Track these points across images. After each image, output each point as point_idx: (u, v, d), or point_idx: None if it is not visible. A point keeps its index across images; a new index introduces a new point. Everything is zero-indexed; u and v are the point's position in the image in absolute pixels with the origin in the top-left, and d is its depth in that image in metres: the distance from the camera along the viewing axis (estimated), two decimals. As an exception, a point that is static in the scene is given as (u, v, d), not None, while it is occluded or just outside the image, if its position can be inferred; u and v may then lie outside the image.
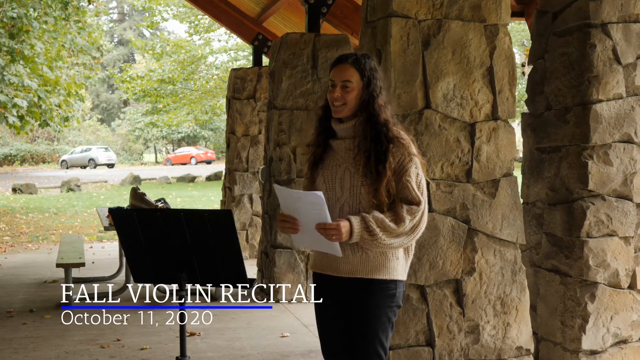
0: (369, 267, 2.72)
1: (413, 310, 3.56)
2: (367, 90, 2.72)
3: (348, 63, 2.73)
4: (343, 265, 2.75)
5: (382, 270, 2.72)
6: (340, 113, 2.75)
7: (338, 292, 2.80)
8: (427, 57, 3.61)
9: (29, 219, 14.62)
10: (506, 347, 3.67)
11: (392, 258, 2.73)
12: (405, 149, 2.70)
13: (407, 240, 2.68)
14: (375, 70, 2.75)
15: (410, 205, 2.66)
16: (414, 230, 2.67)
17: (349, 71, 2.73)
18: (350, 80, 2.71)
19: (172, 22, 73.11)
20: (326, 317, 2.86)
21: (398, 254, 2.75)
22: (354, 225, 2.61)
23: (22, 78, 13.26)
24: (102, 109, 52.41)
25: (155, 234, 3.04)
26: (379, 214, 2.63)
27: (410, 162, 2.69)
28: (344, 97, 2.72)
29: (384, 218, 2.62)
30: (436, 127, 3.61)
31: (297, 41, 6.64)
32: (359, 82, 2.72)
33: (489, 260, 3.65)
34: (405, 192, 2.66)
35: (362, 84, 2.72)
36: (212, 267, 3.05)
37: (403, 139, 2.72)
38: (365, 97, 2.72)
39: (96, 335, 5.40)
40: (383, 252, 2.72)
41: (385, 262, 2.72)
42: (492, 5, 3.68)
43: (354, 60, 2.74)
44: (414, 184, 2.67)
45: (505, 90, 3.71)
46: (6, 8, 12.02)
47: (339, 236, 2.59)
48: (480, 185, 3.67)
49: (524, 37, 26.96)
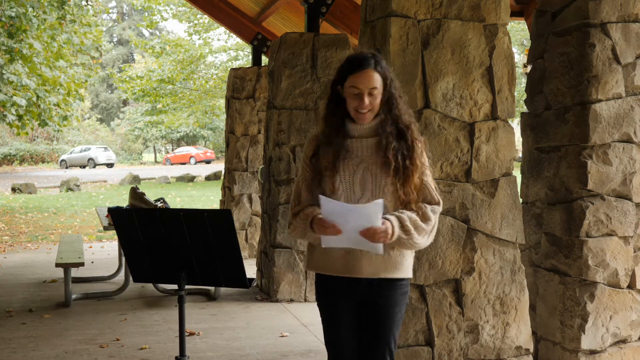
0: (390, 267, 2.73)
1: (412, 309, 3.56)
2: (388, 91, 2.71)
3: (371, 68, 2.68)
4: (365, 268, 2.72)
5: (400, 269, 2.75)
6: (365, 119, 2.72)
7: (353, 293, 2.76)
8: (426, 56, 3.61)
9: (28, 219, 14.61)
10: (505, 346, 3.67)
11: (408, 256, 2.78)
12: (424, 150, 2.74)
13: (429, 239, 2.73)
14: (388, 70, 2.74)
15: (432, 205, 2.70)
16: (434, 229, 2.73)
17: (373, 77, 2.68)
18: (376, 87, 2.68)
19: (171, 22, 73.11)
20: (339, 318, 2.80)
21: (409, 252, 2.78)
22: (394, 225, 2.61)
23: (21, 77, 13.26)
24: (101, 109, 52.42)
25: (154, 233, 3.04)
26: (411, 213, 2.66)
27: (426, 162, 2.74)
28: (372, 103, 2.69)
29: (415, 217, 2.65)
30: (435, 126, 3.61)
31: (297, 41, 6.64)
32: (382, 84, 2.70)
33: (488, 260, 3.65)
34: (425, 193, 2.71)
35: (384, 85, 2.70)
36: (212, 267, 3.05)
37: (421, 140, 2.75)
38: (387, 97, 2.71)
39: (95, 334, 5.40)
40: (402, 251, 2.73)
41: (402, 260, 2.75)
42: (491, 5, 3.68)
43: (374, 64, 2.69)
44: (432, 184, 2.73)
45: (504, 89, 3.71)
46: (5, 7, 12.02)
47: (386, 238, 2.58)
48: (479, 185, 3.67)
49: (524, 36, 26.98)
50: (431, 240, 2.74)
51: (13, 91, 13.50)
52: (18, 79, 13.14)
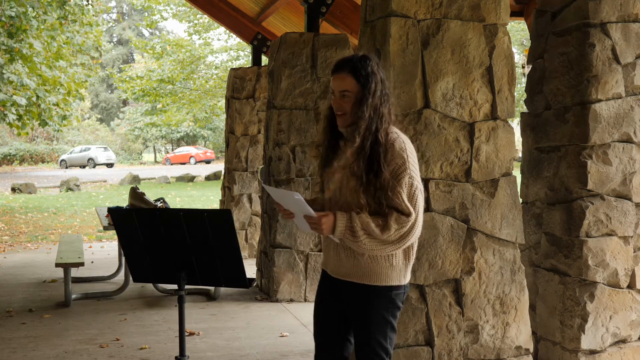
0: (360, 273, 2.75)
1: (412, 309, 3.56)
2: (363, 92, 2.70)
3: (345, 72, 2.71)
4: (339, 268, 2.81)
5: (373, 276, 2.74)
6: (343, 122, 2.75)
7: (337, 291, 2.85)
8: (426, 56, 3.61)
9: (28, 219, 14.61)
10: (505, 346, 3.67)
11: (385, 265, 2.73)
12: (400, 157, 2.66)
13: (393, 248, 2.67)
14: (372, 74, 2.71)
15: (401, 215, 2.63)
16: (402, 240, 2.65)
17: (346, 80, 2.71)
18: (348, 90, 2.70)
19: (171, 22, 73.13)
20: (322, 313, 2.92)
21: (393, 261, 2.74)
22: (338, 222, 2.64)
23: (21, 77, 13.26)
24: (101, 109, 52.43)
25: (154, 233, 3.04)
26: (368, 217, 2.63)
27: (404, 172, 2.65)
28: (343, 106, 2.72)
29: (370, 222, 2.62)
30: (435, 126, 3.61)
31: (297, 41, 6.64)
32: (357, 89, 2.70)
33: (488, 260, 3.65)
34: (396, 202, 2.64)
35: (359, 92, 2.70)
36: (211, 267, 3.05)
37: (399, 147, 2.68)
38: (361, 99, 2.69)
39: (95, 334, 5.40)
40: (374, 258, 2.72)
41: (377, 268, 2.73)
42: (491, 4, 3.68)
43: (351, 67, 2.71)
44: (404, 194, 2.64)
45: (504, 89, 3.71)
46: (5, 7, 12.02)
47: (319, 228, 2.64)
48: (479, 185, 3.67)
49: (523, 36, 26.99)
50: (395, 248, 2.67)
51: (13, 91, 13.50)
52: (18, 78, 13.14)
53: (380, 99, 2.70)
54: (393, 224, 2.62)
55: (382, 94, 2.71)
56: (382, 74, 2.75)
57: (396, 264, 2.75)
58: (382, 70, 2.77)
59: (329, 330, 2.90)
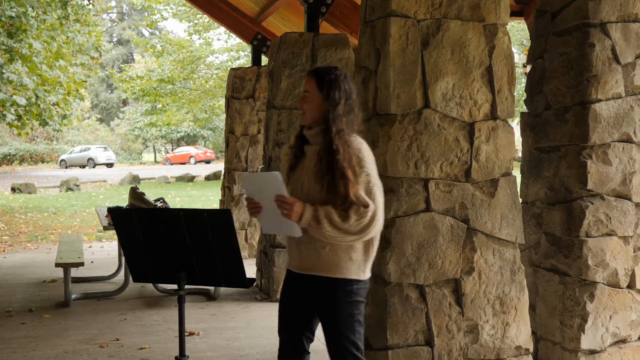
0: (321, 266, 2.91)
1: (412, 309, 3.56)
2: (327, 101, 2.91)
3: (310, 75, 2.98)
4: (302, 262, 2.97)
5: (333, 269, 2.90)
6: (303, 121, 2.99)
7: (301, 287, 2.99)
8: (426, 56, 3.60)
9: (28, 219, 14.61)
10: (505, 346, 3.67)
11: (345, 258, 2.90)
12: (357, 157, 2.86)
13: (354, 238, 2.84)
14: (336, 82, 2.93)
15: (359, 207, 2.82)
16: (364, 231, 2.82)
17: (309, 82, 2.96)
18: (308, 91, 2.94)
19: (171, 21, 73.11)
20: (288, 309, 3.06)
21: (352, 255, 2.90)
22: (306, 210, 2.83)
23: (21, 76, 13.25)
24: (101, 109, 52.42)
25: (154, 233, 3.04)
26: (331, 208, 2.83)
27: (362, 169, 2.85)
28: (304, 106, 2.96)
29: (332, 212, 2.82)
30: (435, 126, 3.61)
31: (296, 41, 6.64)
32: (318, 93, 2.92)
33: (488, 260, 3.65)
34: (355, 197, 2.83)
35: (321, 95, 2.92)
36: (211, 267, 3.05)
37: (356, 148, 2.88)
38: (325, 107, 2.91)
39: (95, 334, 5.40)
40: (334, 251, 2.89)
41: (337, 261, 2.90)
42: (491, 4, 3.68)
43: (315, 74, 2.97)
44: (362, 190, 2.83)
45: (504, 89, 3.71)
46: (5, 7, 12.01)
47: (290, 212, 2.81)
48: (479, 185, 3.67)
49: (523, 36, 26.99)
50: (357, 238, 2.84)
51: (13, 90, 13.50)
52: (18, 78, 13.14)
53: (343, 107, 2.92)
54: (353, 215, 2.81)
55: (345, 103, 2.93)
56: (349, 87, 2.97)
57: (355, 258, 2.91)
58: (351, 84, 2.99)
59: (292, 326, 3.04)
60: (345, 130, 2.90)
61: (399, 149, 3.54)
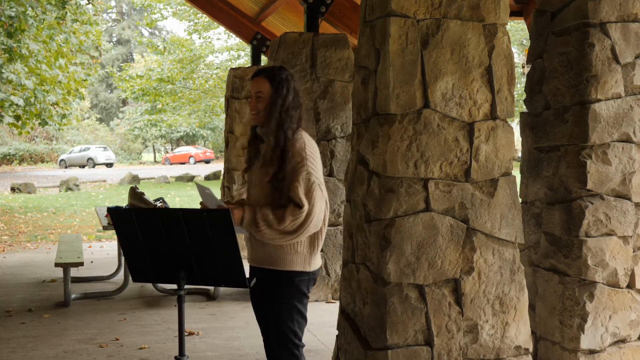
0: (268, 259, 3.12)
1: (412, 309, 3.56)
2: (276, 95, 3.09)
3: (261, 76, 3.13)
4: (254, 256, 3.21)
5: (279, 262, 3.11)
6: (256, 120, 3.15)
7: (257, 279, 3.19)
8: (425, 56, 3.60)
9: (27, 219, 14.61)
10: (505, 346, 3.67)
11: (290, 251, 3.10)
12: (299, 155, 3.02)
13: (291, 238, 3.03)
14: (286, 81, 3.12)
15: (295, 207, 2.99)
16: (299, 230, 3.00)
17: (261, 82, 3.12)
18: (261, 91, 3.10)
19: (171, 21, 73.08)
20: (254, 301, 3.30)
21: (297, 248, 3.11)
22: (245, 215, 3.04)
23: (20, 76, 13.24)
24: (100, 109, 52.40)
25: (153, 233, 3.04)
26: (268, 209, 3.02)
27: (302, 168, 3.01)
28: (257, 106, 3.11)
29: (269, 214, 3.00)
30: (435, 126, 3.60)
31: (296, 40, 6.64)
32: (270, 91, 3.09)
33: (487, 260, 3.65)
34: (293, 195, 3.00)
35: (273, 94, 3.09)
36: (211, 267, 3.05)
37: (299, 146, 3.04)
38: (274, 101, 3.08)
39: (95, 334, 5.40)
40: (280, 245, 3.09)
41: (282, 255, 3.10)
42: (490, 4, 3.68)
43: (266, 74, 3.13)
44: (301, 189, 2.99)
45: (504, 89, 3.71)
46: (4, 7, 12.01)
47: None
48: (479, 185, 3.67)
49: (523, 36, 26.99)
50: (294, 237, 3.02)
51: (11, 91, 13.49)
52: (17, 78, 13.12)
53: (291, 104, 3.10)
54: (288, 216, 2.98)
55: (293, 99, 3.11)
56: (297, 85, 3.16)
57: (301, 251, 3.11)
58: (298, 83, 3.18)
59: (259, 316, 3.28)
60: (291, 126, 3.06)
61: (399, 148, 3.54)
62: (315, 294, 6.60)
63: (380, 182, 3.57)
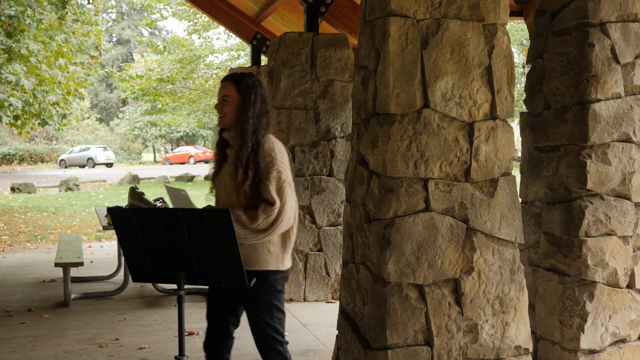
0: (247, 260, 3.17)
1: (412, 309, 3.56)
2: (244, 102, 3.19)
3: (229, 81, 3.24)
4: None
5: (253, 263, 3.19)
6: (222, 124, 3.24)
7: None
8: (425, 56, 3.60)
9: (27, 218, 14.61)
10: (505, 346, 3.67)
11: (263, 252, 3.20)
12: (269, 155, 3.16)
13: (264, 235, 3.12)
14: (252, 87, 3.22)
15: (267, 205, 3.10)
16: (272, 227, 3.11)
17: (228, 87, 3.22)
18: (228, 95, 3.21)
19: (171, 21, 73.08)
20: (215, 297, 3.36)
21: (270, 248, 3.20)
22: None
23: (19, 77, 13.23)
24: (100, 108, 52.39)
25: (153, 233, 3.04)
26: (241, 210, 3.12)
27: (272, 167, 3.14)
28: (223, 110, 3.22)
29: (241, 214, 3.10)
30: (435, 126, 3.60)
31: (296, 40, 6.64)
32: (237, 97, 3.20)
33: (487, 260, 3.65)
34: (265, 194, 3.12)
35: (239, 98, 3.20)
36: (211, 267, 3.05)
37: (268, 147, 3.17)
38: (241, 110, 3.19)
39: (94, 334, 5.40)
40: (253, 246, 3.18)
41: (256, 255, 3.20)
42: (490, 4, 3.67)
43: (233, 79, 3.24)
44: (272, 187, 3.11)
45: (503, 89, 3.71)
46: (4, 6, 12.00)
47: None
48: (478, 185, 3.67)
49: (523, 36, 26.99)
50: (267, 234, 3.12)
51: (10, 91, 13.48)
52: (16, 78, 13.12)
53: (259, 109, 3.21)
54: (261, 214, 3.09)
55: (261, 106, 3.23)
56: (263, 92, 3.28)
57: (273, 251, 3.21)
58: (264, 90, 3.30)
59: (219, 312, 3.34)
60: (261, 130, 3.18)
61: (399, 148, 3.54)
62: (315, 294, 6.60)
63: (380, 182, 3.57)
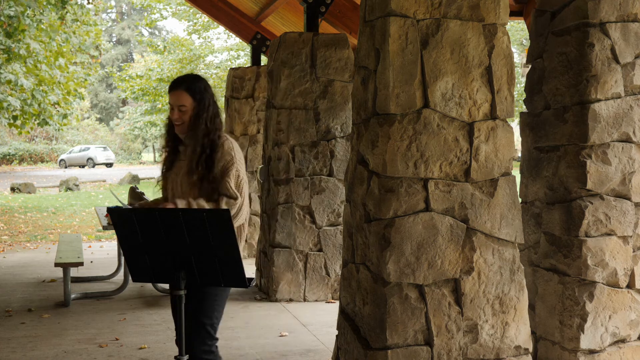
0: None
1: (411, 309, 3.56)
2: (199, 107, 3.35)
3: (181, 89, 3.36)
4: None
5: None
6: (181, 131, 3.39)
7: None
8: (425, 56, 3.60)
9: (27, 218, 14.61)
10: (504, 346, 3.67)
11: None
12: (229, 154, 3.32)
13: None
14: (205, 91, 3.38)
15: (229, 199, 3.27)
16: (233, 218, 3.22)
17: (182, 96, 3.35)
18: (184, 105, 3.35)
19: (170, 21, 73.07)
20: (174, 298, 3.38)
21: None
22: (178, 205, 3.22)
23: (18, 77, 13.22)
24: (100, 108, 52.37)
25: (153, 233, 3.04)
26: (202, 200, 3.27)
27: (232, 165, 3.31)
28: (182, 117, 3.36)
29: (205, 204, 3.25)
30: (435, 126, 3.60)
31: (296, 40, 6.64)
32: (192, 103, 3.35)
33: (487, 260, 3.65)
34: (225, 190, 3.28)
35: (194, 104, 3.34)
36: (211, 267, 3.05)
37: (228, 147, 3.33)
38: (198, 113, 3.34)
39: (94, 334, 5.40)
40: None
41: None
42: (490, 4, 3.67)
43: (185, 86, 3.36)
44: (232, 183, 3.30)
45: (503, 89, 3.71)
46: (4, 6, 12.00)
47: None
48: (478, 185, 3.67)
49: (523, 36, 26.99)
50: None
51: (9, 91, 13.47)
52: (16, 78, 13.11)
53: (212, 111, 3.38)
54: (224, 205, 3.25)
55: (213, 107, 3.39)
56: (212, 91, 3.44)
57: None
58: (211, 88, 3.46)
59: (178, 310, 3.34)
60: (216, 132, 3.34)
61: (399, 148, 3.54)
62: (315, 294, 6.60)
63: (380, 182, 3.57)
